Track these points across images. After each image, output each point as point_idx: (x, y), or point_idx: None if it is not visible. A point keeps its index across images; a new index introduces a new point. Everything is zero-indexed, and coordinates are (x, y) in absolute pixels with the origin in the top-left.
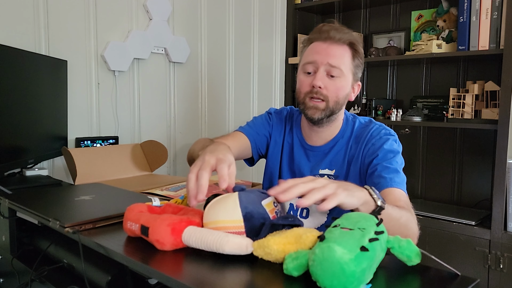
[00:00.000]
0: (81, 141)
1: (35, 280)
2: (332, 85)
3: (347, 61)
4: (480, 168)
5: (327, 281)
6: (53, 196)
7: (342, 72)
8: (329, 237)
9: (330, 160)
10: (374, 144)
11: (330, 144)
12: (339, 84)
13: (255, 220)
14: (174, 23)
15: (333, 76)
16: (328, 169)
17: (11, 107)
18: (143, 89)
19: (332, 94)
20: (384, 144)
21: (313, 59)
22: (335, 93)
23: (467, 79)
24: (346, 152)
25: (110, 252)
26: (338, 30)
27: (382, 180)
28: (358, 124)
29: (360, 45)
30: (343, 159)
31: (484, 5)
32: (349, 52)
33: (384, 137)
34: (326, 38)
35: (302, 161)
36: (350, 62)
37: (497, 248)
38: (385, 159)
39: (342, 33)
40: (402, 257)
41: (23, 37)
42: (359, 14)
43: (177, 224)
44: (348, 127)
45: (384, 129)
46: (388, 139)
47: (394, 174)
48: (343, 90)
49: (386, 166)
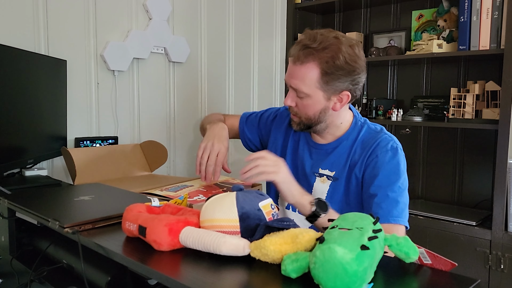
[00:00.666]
0: (80, 141)
1: (35, 280)
2: (300, 104)
3: (309, 80)
4: (481, 168)
5: (330, 282)
6: (52, 196)
7: (304, 93)
8: (328, 238)
9: (332, 161)
10: (379, 157)
11: (333, 144)
12: (305, 103)
13: (250, 220)
14: (174, 23)
15: (301, 97)
16: (328, 170)
17: (11, 107)
18: (143, 89)
19: (302, 112)
20: (389, 162)
21: (285, 78)
22: (304, 111)
23: (467, 79)
24: (349, 156)
25: (110, 252)
26: (300, 45)
27: (379, 211)
28: (367, 130)
29: (331, 59)
30: (345, 162)
31: (485, 5)
32: (316, 69)
33: (391, 152)
34: (293, 56)
35: (305, 157)
36: (316, 80)
37: (498, 248)
38: (388, 183)
39: (305, 49)
40: (400, 254)
41: (22, 37)
42: (359, 14)
43: (174, 224)
44: (354, 131)
45: (393, 142)
46: (395, 155)
47: (392, 206)
48: (311, 108)
49: (386, 195)
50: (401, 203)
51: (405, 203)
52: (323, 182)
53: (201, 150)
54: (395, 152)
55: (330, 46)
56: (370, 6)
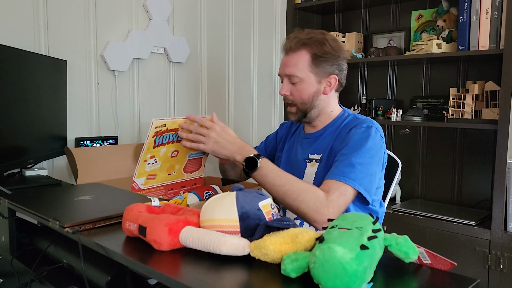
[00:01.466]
0: (80, 141)
1: (35, 280)
2: (295, 90)
3: (302, 65)
4: (480, 168)
5: (329, 282)
6: (52, 196)
7: (299, 78)
8: (328, 238)
9: (319, 146)
10: (351, 131)
11: (320, 131)
12: (299, 87)
13: (250, 220)
14: (174, 23)
15: (294, 83)
16: (316, 154)
17: (11, 107)
18: (143, 89)
19: (297, 97)
20: (359, 135)
21: (278, 72)
22: (299, 96)
23: (467, 79)
24: (332, 139)
25: (110, 252)
26: (291, 38)
27: (334, 170)
28: (351, 118)
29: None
30: (327, 145)
31: (484, 5)
32: (306, 55)
33: (364, 128)
34: (284, 50)
35: (299, 149)
36: (308, 64)
37: (497, 248)
38: (351, 151)
39: (296, 39)
40: (400, 254)
41: (23, 37)
42: (359, 14)
43: (174, 224)
44: (340, 118)
45: (370, 122)
46: (365, 131)
47: (349, 169)
48: (305, 91)
49: (346, 158)
50: (358, 166)
51: (366, 171)
52: (313, 166)
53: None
54: (368, 130)
55: (317, 36)
56: (370, 6)
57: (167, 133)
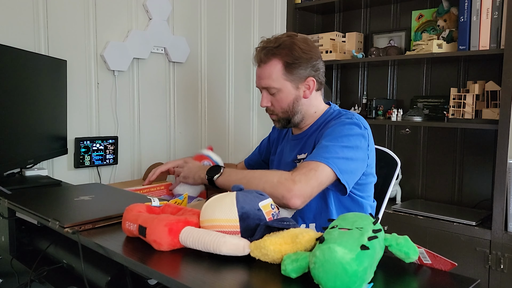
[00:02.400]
0: (80, 141)
1: (35, 280)
2: (274, 101)
3: (276, 75)
4: (481, 168)
5: (330, 282)
6: (52, 196)
7: (275, 88)
8: (328, 238)
9: (305, 145)
10: (331, 124)
11: (306, 131)
12: (278, 97)
13: (250, 220)
14: (174, 23)
15: (273, 93)
16: (303, 153)
17: (11, 107)
18: (143, 89)
19: (277, 107)
20: (336, 125)
21: (256, 85)
22: (279, 106)
23: (467, 79)
24: (316, 136)
25: (110, 252)
26: (259, 49)
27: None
28: (336, 113)
29: (288, 51)
30: (313, 142)
31: (485, 5)
32: (278, 63)
33: (342, 119)
34: (256, 62)
35: (287, 151)
36: (281, 73)
37: (498, 248)
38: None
39: (264, 50)
40: (400, 254)
41: (22, 37)
42: (359, 14)
43: (174, 224)
44: (325, 116)
45: (350, 115)
46: (344, 121)
47: (322, 150)
48: (284, 100)
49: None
50: (331, 148)
51: (340, 153)
52: None
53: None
54: (346, 121)
55: (284, 43)
56: (370, 6)
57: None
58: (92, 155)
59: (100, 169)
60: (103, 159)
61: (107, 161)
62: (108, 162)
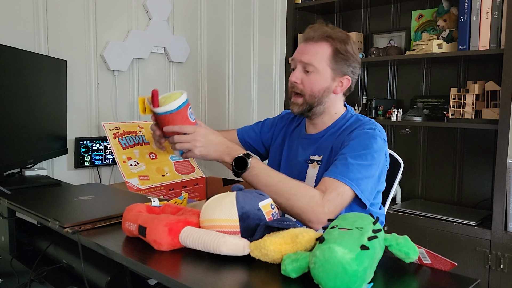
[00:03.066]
0: (80, 141)
1: (35, 280)
2: (306, 80)
3: (322, 57)
4: (481, 168)
5: (330, 282)
6: (52, 196)
7: (315, 67)
8: (328, 238)
9: (320, 147)
10: (353, 133)
11: (321, 133)
12: (312, 78)
13: (250, 220)
14: (173, 23)
15: (308, 72)
16: (317, 155)
17: (11, 107)
18: (143, 89)
19: (307, 88)
20: (360, 137)
21: (293, 57)
22: (310, 87)
23: (467, 79)
24: (333, 140)
25: (110, 252)
26: (315, 28)
27: (332, 169)
28: (354, 119)
29: (343, 42)
30: (329, 145)
31: (485, 5)
32: (328, 48)
33: (365, 130)
34: (305, 39)
35: (299, 149)
36: (328, 57)
37: (498, 248)
38: (352, 151)
39: (320, 31)
40: (400, 254)
41: (22, 37)
42: (359, 14)
43: (174, 224)
44: (343, 120)
45: (373, 125)
46: (367, 133)
47: (347, 169)
48: (317, 84)
49: (345, 158)
50: (357, 167)
51: (364, 173)
52: (314, 167)
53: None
54: (370, 134)
55: (341, 34)
56: (370, 6)
57: (127, 135)
58: (92, 155)
59: (100, 169)
60: (103, 159)
61: (107, 161)
62: (108, 162)
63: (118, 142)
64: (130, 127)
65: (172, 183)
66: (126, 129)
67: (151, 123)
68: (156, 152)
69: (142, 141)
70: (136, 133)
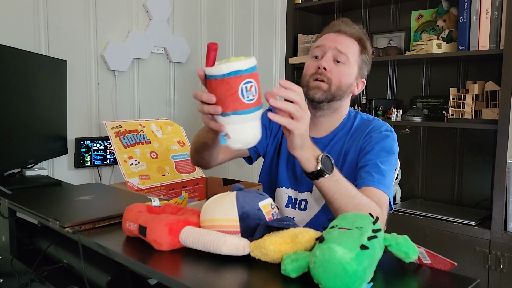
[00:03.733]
0: (81, 141)
1: (35, 280)
2: (336, 70)
3: (354, 51)
4: (480, 168)
5: (329, 282)
6: (53, 196)
7: (348, 60)
8: (328, 238)
9: (329, 152)
10: (373, 137)
11: (330, 136)
12: (343, 70)
13: (250, 220)
14: (174, 23)
15: (339, 62)
16: None
17: (11, 107)
18: (143, 89)
19: (336, 78)
20: (382, 141)
21: (322, 43)
22: (339, 78)
23: (467, 79)
24: (344, 144)
25: (110, 252)
26: (348, 24)
27: (369, 177)
28: (360, 120)
29: (368, 42)
30: (340, 150)
31: (484, 5)
32: (357, 46)
33: (384, 133)
34: (336, 30)
35: None
36: (357, 54)
37: (497, 248)
38: (379, 157)
39: (353, 28)
40: (400, 254)
41: (23, 37)
42: (359, 14)
43: (174, 224)
44: (349, 121)
45: (386, 126)
46: (388, 136)
47: (382, 176)
48: (346, 77)
49: (377, 164)
50: (388, 178)
51: (391, 182)
52: None
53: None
54: (388, 135)
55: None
56: (370, 6)
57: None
58: (93, 155)
59: (100, 169)
60: (104, 159)
61: (108, 161)
62: (109, 162)
63: (120, 141)
64: (131, 125)
65: (172, 183)
66: (127, 127)
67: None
68: (156, 151)
69: (144, 140)
70: (138, 131)
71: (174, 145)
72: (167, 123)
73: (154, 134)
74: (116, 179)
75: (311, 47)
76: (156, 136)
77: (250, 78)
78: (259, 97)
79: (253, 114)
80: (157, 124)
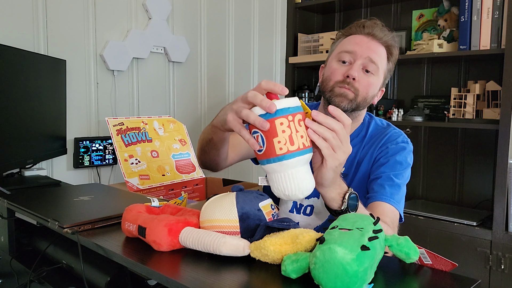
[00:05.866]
0: (80, 141)
1: (34, 281)
2: (365, 81)
3: (383, 60)
4: (482, 168)
5: (330, 283)
6: (52, 196)
7: (377, 70)
8: (329, 238)
9: None
10: (389, 148)
11: None
12: (372, 80)
13: (250, 221)
14: (173, 22)
15: (368, 72)
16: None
17: (10, 107)
18: (143, 89)
19: (363, 89)
20: (398, 153)
21: (352, 49)
22: (366, 89)
23: (468, 78)
24: (358, 152)
25: (109, 253)
26: (381, 28)
27: (382, 191)
28: (374, 126)
29: (395, 49)
30: (353, 158)
31: (486, 5)
32: (385, 53)
33: (401, 145)
34: (368, 34)
35: None
36: (386, 63)
37: (499, 248)
38: (393, 169)
39: (385, 35)
40: (401, 254)
41: (22, 36)
42: (359, 14)
43: (174, 224)
44: (363, 128)
45: (403, 136)
46: (404, 148)
47: (395, 190)
48: (373, 88)
49: (391, 178)
50: (401, 192)
51: (403, 195)
52: None
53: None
54: (405, 147)
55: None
56: (370, 6)
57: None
58: (92, 155)
59: (99, 169)
60: (103, 159)
61: (107, 161)
62: (108, 162)
63: (121, 139)
64: (134, 122)
65: (172, 183)
66: (130, 124)
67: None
68: (157, 150)
69: (145, 137)
70: (140, 129)
71: (175, 144)
72: (169, 120)
73: (156, 132)
74: (115, 179)
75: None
76: (158, 134)
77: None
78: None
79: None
80: (159, 121)
